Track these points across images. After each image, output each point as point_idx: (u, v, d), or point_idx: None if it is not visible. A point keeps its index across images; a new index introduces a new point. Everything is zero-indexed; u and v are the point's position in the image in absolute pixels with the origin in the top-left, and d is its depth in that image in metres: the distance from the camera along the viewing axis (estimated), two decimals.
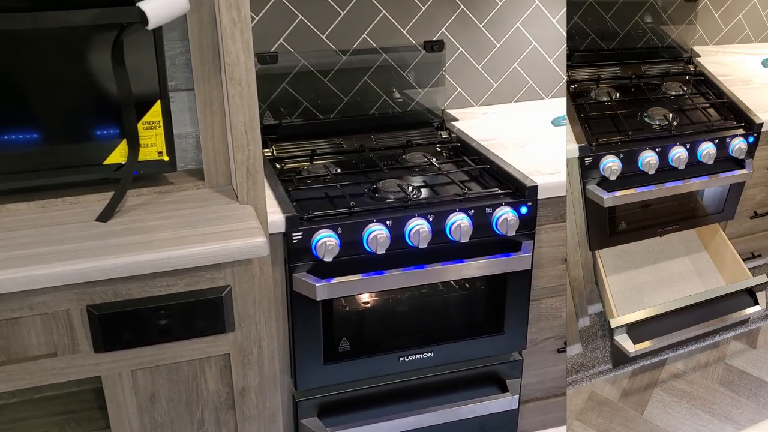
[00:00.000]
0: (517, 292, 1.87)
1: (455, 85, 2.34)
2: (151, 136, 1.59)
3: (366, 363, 1.82)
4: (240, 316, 1.54)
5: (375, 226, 1.67)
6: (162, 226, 1.48)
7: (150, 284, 1.45)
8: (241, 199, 1.57)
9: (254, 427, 1.66)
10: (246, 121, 1.52)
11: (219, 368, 1.59)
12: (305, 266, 1.67)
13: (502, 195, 1.79)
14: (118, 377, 1.51)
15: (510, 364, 1.96)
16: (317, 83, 2.15)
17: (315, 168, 1.96)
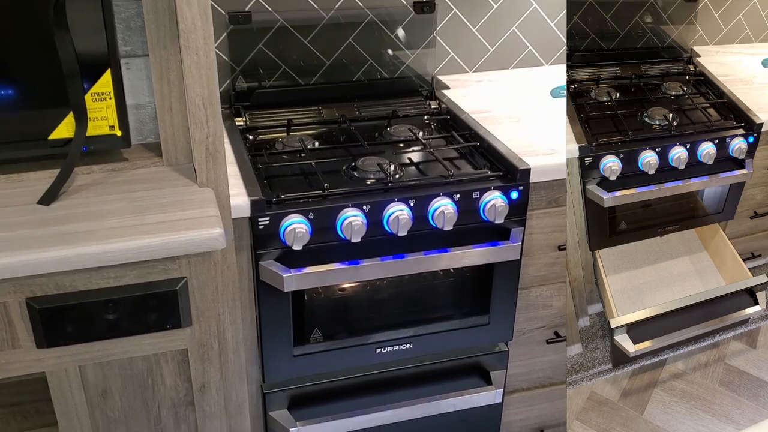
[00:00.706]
0: (505, 281, 1.74)
1: (447, 48, 2.16)
2: (101, 109, 1.43)
3: (339, 355, 1.70)
4: (198, 309, 1.41)
5: (350, 212, 1.53)
6: (108, 212, 1.33)
7: (96, 276, 1.31)
8: (200, 181, 1.42)
9: (215, 424, 1.55)
10: (204, 95, 1.36)
11: (176, 363, 1.47)
12: (273, 254, 1.53)
13: (492, 178, 1.64)
14: (64, 373, 1.39)
15: (495, 355, 1.84)
16: (297, 44, 1.97)
17: (290, 141, 1.81)
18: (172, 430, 1.54)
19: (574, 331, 2.09)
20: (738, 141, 1.86)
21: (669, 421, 1.95)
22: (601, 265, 2.01)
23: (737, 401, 2.00)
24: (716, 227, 2.17)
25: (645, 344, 1.86)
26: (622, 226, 1.98)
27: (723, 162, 1.89)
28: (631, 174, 1.79)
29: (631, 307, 2.01)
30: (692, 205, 2.07)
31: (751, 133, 1.89)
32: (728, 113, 1.97)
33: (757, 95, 2.04)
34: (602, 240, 1.95)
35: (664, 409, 1.98)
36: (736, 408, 1.98)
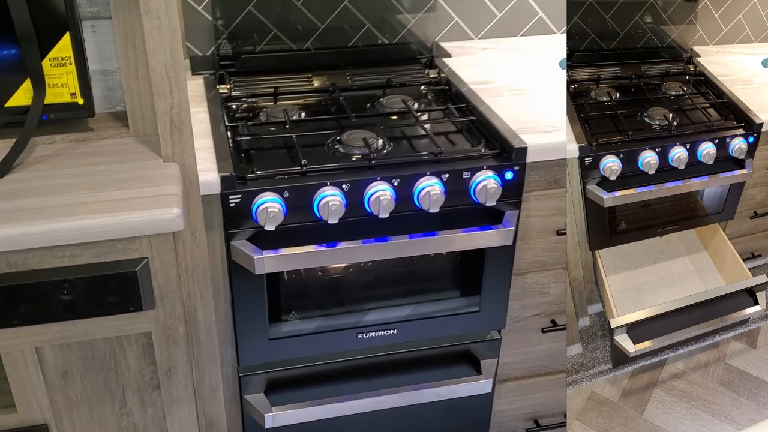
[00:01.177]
0: (497, 266, 1.63)
1: (451, 13, 2.02)
2: (61, 75, 1.34)
3: (318, 339, 1.61)
4: (162, 291, 1.33)
5: (328, 190, 1.42)
6: (63, 187, 1.25)
7: (50, 254, 1.23)
8: (164, 156, 1.33)
9: (184, 408, 1.48)
10: (168, 63, 1.25)
11: (140, 346, 1.39)
12: (246, 233, 1.44)
13: (486, 156, 1.52)
14: (20, 354, 1.32)
15: (486, 343, 1.75)
16: (289, 5, 1.85)
17: (275, 111, 1.70)
18: (138, 414, 1.47)
19: (574, 331, 2.08)
20: (738, 141, 1.85)
21: (669, 421, 1.93)
22: (601, 265, 2.00)
23: (737, 401, 1.99)
24: (716, 227, 2.19)
25: (645, 344, 1.85)
26: (622, 226, 1.98)
27: (723, 162, 1.89)
28: (631, 174, 1.78)
29: (631, 307, 2.01)
30: (692, 205, 2.07)
31: (751, 133, 1.88)
32: (728, 113, 1.96)
33: (757, 95, 2.03)
34: (602, 240, 1.96)
35: (664, 409, 1.97)
36: (736, 408, 1.97)
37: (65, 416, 1.43)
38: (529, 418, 1.95)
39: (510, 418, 1.93)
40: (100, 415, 1.45)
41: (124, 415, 1.46)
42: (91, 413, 1.44)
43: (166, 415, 1.47)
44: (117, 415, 1.46)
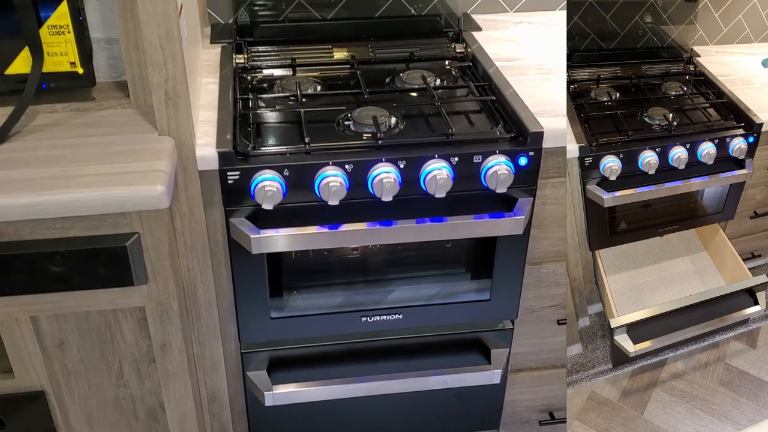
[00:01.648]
0: (509, 255, 1.56)
1: None
2: (60, 44, 1.31)
3: (321, 321, 1.58)
4: (154, 267, 1.31)
5: (330, 170, 1.37)
6: (54, 158, 1.23)
7: (40, 226, 1.22)
8: (160, 129, 1.30)
9: (180, 383, 1.47)
10: (161, 34, 1.21)
11: (136, 320, 1.38)
12: (244, 211, 1.40)
13: (501, 140, 1.44)
14: (15, 323, 1.33)
15: (498, 332, 1.68)
16: None
17: (289, 84, 1.65)
18: (135, 385, 1.47)
19: (574, 331, 2.05)
20: (738, 141, 1.83)
21: (669, 421, 1.90)
22: (601, 265, 1.98)
23: (737, 401, 1.96)
24: (716, 227, 2.16)
25: (645, 344, 1.83)
26: (622, 226, 1.96)
27: (723, 162, 1.87)
28: (631, 174, 1.76)
29: (631, 307, 1.99)
30: (692, 205, 2.05)
31: (751, 133, 1.86)
32: (728, 113, 1.94)
33: (757, 95, 2.01)
34: (602, 240, 1.94)
35: (664, 409, 1.93)
36: (736, 408, 1.94)
37: (63, 384, 1.44)
38: (544, 410, 1.89)
39: (523, 409, 1.88)
40: (97, 385, 1.46)
41: (122, 386, 1.47)
42: (89, 383, 1.45)
43: (162, 388, 1.47)
44: (114, 386, 1.46)
